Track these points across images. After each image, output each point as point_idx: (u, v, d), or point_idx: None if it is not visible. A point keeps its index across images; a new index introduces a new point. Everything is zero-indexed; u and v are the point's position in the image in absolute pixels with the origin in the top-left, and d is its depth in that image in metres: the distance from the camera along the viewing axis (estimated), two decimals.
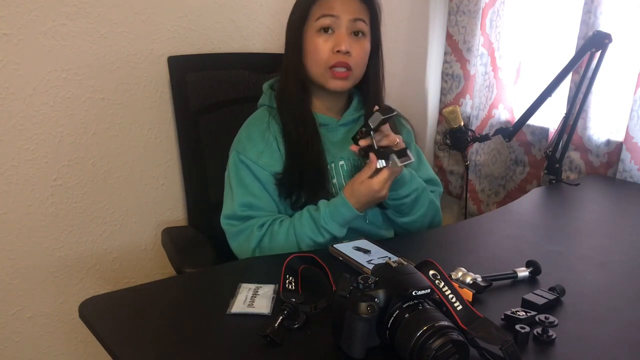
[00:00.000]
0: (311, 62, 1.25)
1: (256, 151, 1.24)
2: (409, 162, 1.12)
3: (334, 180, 1.29)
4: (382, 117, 1.08)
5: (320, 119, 1.30)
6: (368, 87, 1.32)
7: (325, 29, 1.23)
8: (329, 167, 1.28)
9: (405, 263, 0.80)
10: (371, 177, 1.13)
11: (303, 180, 1.24)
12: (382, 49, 1.32)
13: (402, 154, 1.12)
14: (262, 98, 1.35)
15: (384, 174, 1.13)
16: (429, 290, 0.76)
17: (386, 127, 1.13)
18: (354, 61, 1.24)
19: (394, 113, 1.10)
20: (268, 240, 1.19)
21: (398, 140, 1.14)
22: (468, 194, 2.10)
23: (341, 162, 1.31)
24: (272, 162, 1.24)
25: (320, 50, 1.23)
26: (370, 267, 0.99)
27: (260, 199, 1.23)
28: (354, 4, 1.24)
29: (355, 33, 1.24)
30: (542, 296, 0.93)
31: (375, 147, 1.12)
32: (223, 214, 1.26)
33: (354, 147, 1.15)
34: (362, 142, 1.13)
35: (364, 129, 1.12)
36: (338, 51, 1.22)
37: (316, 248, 1.18)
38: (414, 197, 1.26)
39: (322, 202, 1.20)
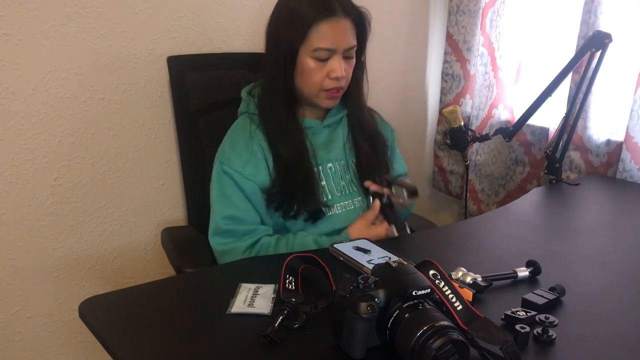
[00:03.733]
0: (304, 82, 1.24)
1: (241, 161, 1.23)
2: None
3: (323, 183, 1.29)
4: (406, 196, 1.27)
5: (304, 122, 1.29)
6: (350, 89, 1.31)
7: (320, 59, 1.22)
8: (316, 170, 1.28)
9: (405, 263, 0.80)
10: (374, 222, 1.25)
11: (294, 191, 1.24)
12: (366, 56, 1.31)
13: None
14: (242, 106, 1.33)
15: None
16: (429, 290, 0.76)
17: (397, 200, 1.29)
18: (345, 80, 1.25)
19: (413, 198, 1.27)
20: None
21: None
22: (468, 194, 2.10)
23: (329, 164, 1.31)
24: (257, 172, 1.24)
25: (315, 75, 1.22)
26: (370, 267, 0.99)
27: (243, 211, 1.23)
28: (348, 32, 1.21)
29: (347, 57, 1.24)
30: (542, 296, 0.93)
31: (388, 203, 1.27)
32: (209, 230, 1.26)
33: (369, 183, 1.29)
34: (374, 187, 1.29)
35: (387, 187, 1.28)
36: (334, 77, 1.22)
37: None
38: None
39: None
